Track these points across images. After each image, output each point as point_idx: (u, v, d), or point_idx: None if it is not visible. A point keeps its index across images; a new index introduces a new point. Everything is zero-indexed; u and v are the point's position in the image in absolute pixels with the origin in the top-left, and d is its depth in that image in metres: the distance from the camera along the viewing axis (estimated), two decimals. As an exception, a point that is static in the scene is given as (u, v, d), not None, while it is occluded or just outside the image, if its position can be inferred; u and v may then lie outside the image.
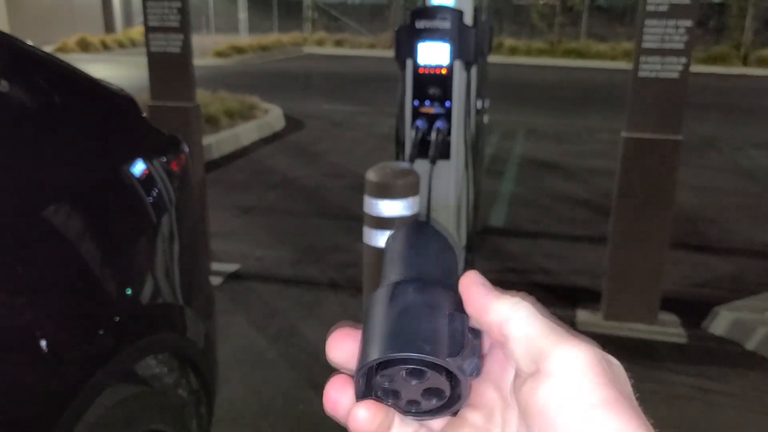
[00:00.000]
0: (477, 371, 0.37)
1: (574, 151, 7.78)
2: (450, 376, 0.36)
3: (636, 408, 0.34)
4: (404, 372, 0.35)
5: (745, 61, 17.30)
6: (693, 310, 3.64)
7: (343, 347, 0.38)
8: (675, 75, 3.16)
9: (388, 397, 0.37)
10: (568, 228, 5.11)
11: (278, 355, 3.21)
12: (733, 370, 3.16)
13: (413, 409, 0.37)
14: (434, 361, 0.35)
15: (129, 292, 1.50)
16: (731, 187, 6.41)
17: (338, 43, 21.59)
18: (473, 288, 0.38)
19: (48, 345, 1.20)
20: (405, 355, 0.34)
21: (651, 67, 3.18)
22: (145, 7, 3.81)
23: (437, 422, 0.40)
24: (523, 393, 0.35)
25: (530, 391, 0.35)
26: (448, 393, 0.37)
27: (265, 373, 3.06)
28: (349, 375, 0.38)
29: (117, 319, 1.42)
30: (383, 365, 0.35)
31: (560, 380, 0.34)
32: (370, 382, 0.36)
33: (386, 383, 0.36)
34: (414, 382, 0.36)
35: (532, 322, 0.36)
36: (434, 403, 0.37)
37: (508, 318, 0.37)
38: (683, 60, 3.15)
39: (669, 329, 3.46)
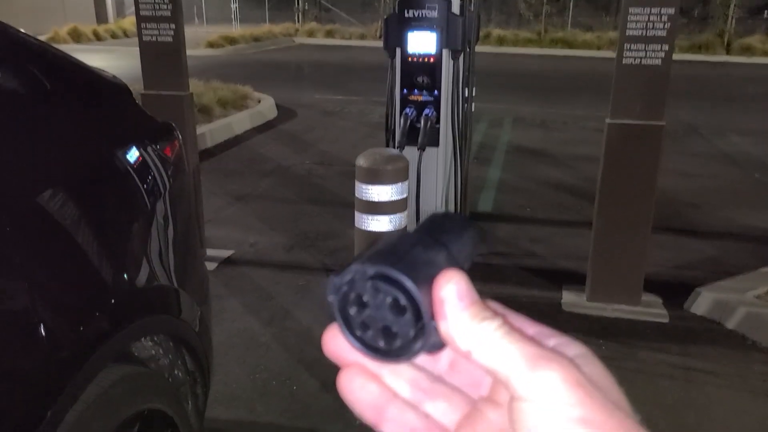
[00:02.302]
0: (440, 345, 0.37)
1: (561, 138, 7.84)
2: (418, 330, 0.36)
3: (622, 413, 0.33)
4: (381, 295, 0.36)
5: (728, 49, 17.41)
6: (675, 291, 3.71)
7: (339, 341, 0.38)
8: (658, 62, 3.22)
9: (357, 313, 0.37)
10: (554, 213, 5.18)
11: (272, 337, 3.27)
12: (713, 349, 3.23)
13: (373, 341, 0.37)
14: (414, 297, 0.35)
15: (124, 275, 1.51)
16: (713, 171, 6.49)
17: (329, 34, 21.54)
18: (445, 303, 0.35)
19: (45, 327, 1.21)
20: (395, 274, 0.35)
21: (635, 54, 3.23)
22: (136, -3, 3.84)
23: (452, 415, 0.39)
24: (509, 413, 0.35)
25: (511, 414, 0.34)
26: (410, 336, 0.36)
27: (259, 355, 3.13)
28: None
29: (112, 301, 1.44)
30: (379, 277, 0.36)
31: (535, 404, 0.33)
32: (348, 297, 0.37)
33: (364, 294, 0.36)
34: (387, 311, 0.36)
35: (497, 352, 0.34)
36: (394, 342, 0.36)
37: (470, 349, 0.35)
38: (666, 47, 3.20)
39: (651, 310, 3.53)
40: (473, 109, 4.06)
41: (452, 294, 0.35)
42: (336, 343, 0.38)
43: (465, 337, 0.35)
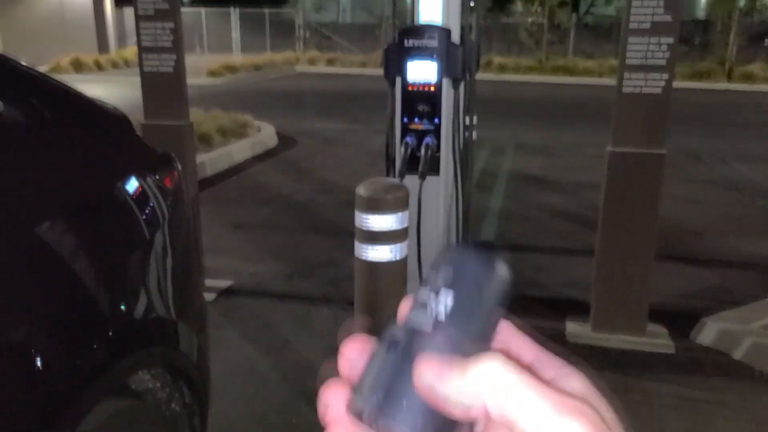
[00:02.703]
0: None
1: (562, 165, 7.85)
2: None
3: None
4: None
5: (729, 77, 17.56)
6: (680, 321, 3.66)
7: (354, 359, 0.36)
8: (658, 90, 3.22)
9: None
10: (556, 241, 5.16)
11: (271, 368, 3.23)
12: (720, 380, 3.19)
13: None
14: None
15: (122, 306, 1.51)
16: (717, 199, 6.48)
17: (330, 62, 21.76)
18: (425, 372, 0.33)
19: (42, 359, 1.20)
20: None
21: (635, 83, 3.24)
22: (138, 28, 3.85)
23: None
24: None
25: None
26: None
27: (258, 386, 3.08)
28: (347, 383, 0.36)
29: (110, 333, 1.43)
30: None
31: None
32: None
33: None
34: None
35: (499, 404, 0.32)
36: None
37: (470, 404, 0.32)
38: (666, 76, 3.21)
39: (657, 340, 3.49)
40: (475, 137, 4.06)
41: (430, 380, 0.33)
42: (333, 404, 0.36)
43: (467, 396, 0.32)
